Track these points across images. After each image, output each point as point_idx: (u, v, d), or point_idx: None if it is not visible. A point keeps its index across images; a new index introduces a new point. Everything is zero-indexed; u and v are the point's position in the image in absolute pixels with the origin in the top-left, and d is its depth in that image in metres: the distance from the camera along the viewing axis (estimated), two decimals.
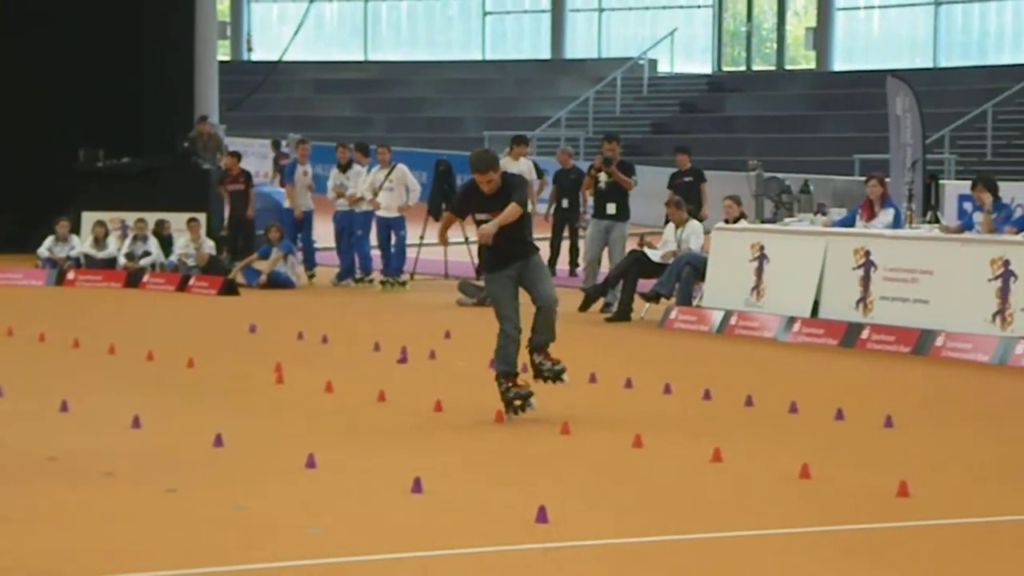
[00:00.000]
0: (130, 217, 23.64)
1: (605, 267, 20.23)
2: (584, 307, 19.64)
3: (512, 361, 12.01)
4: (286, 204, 23.94)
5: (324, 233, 24.48)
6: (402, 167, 22.69)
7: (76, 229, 23.90)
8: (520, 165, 23.10)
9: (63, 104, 26.03)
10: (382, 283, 22.53)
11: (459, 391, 13.34)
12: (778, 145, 35.73)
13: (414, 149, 36.70)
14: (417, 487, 9.26)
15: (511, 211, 11.80)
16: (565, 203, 24.20)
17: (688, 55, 44.05)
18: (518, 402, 11.92)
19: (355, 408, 12.53)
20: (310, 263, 23.58)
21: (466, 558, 8.02)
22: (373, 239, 22.97)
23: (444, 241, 13.32)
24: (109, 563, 7.73)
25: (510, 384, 11.98)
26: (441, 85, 45.42)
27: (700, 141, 38.42)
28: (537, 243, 12.36)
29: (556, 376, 12.15)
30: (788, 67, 42.91)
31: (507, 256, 12.05)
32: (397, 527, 8.61)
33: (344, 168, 23.02)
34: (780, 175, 24.62)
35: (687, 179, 22.87)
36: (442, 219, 12.90)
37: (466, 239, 23.77)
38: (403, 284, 22.51)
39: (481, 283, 21.01)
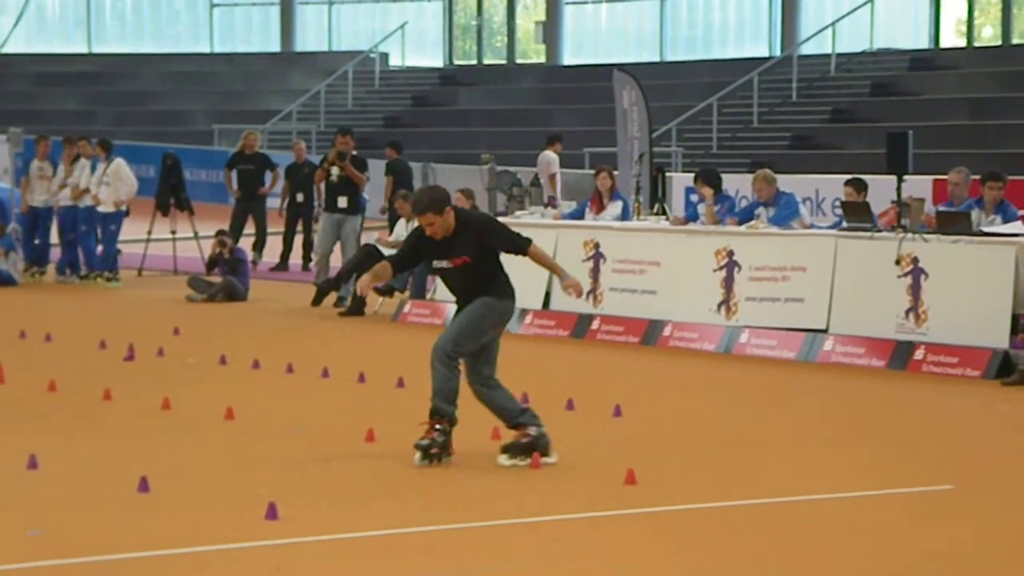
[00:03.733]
0: None
1: (337, 261, 20.12)
2: (316, 301, 19.53)
3: (448, 398, 10.12)
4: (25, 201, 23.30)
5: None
6: (119, 160, 22.26)
7: None
8: None
9: None
10: (82, 277, 22.18)
11: (188, 388, 13.12)
12: (510, 138, 36.04)
13: (141, 143, 36.03)
14: (144, 486, 9.08)
15: (545, 259, 10.31)
16: (300, 197, 24.05)
17: (419, 49, 44.14)
18: (434, 450, 10.05)
19: (80, 407, 12.23)
20: (44, 260, 22.98)
21: (194, 556, 7.89)
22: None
23: (364, 291, 10.59)
24: None
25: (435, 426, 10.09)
26: (168, 78, 44.68)
27: (433, 135, 38.59)
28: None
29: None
30: (519, 61, 43.31)
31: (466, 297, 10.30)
32: (123, 527, 8.42)
33: (71, 162, 22.49)
34: (512, 168, 24.85)
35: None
36: (372, 272, 10.26)
37: (195, 234, 23.45)
38: (108, 280, 22.00)
39: (211, 279, 20.74)
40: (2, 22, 47.12)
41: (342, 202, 19.77)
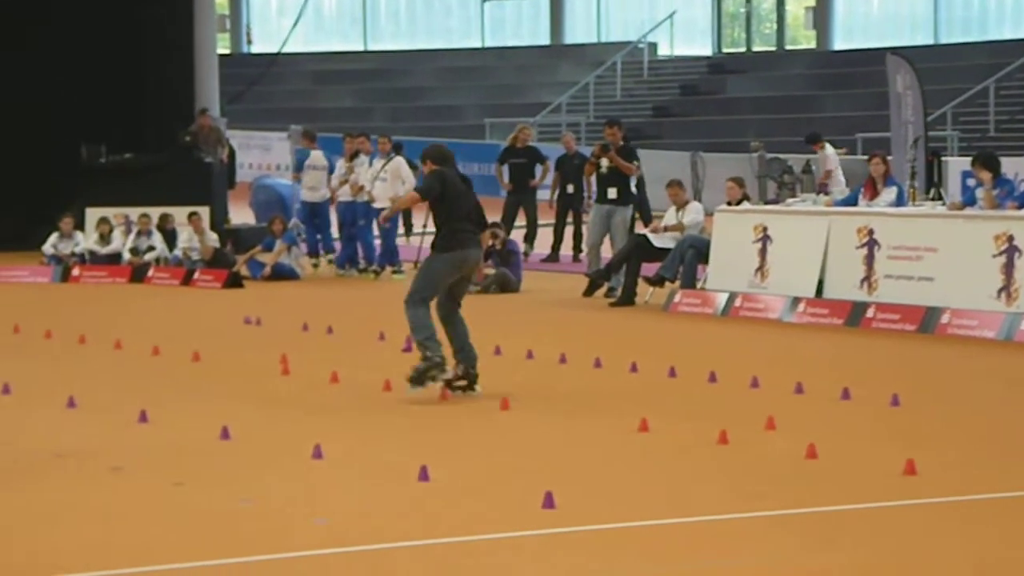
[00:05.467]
0: (134, 212, 23.63)
1: (608, 252, 20.20)
2: (588, 292, 19.64)
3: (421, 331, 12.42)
4: (302, 196, 24.01)
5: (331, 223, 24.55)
6: (398, 159, 22.72)
7: (80, 225, 23.90)
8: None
9: (65, 101, 26.01)
10: (360, 270, 22.77)
11: None
12: (780, 125, 35.71)
13: (415, 138, 36.68)
14: (424, 475, 9.27)
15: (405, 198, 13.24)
16: (570, 189, 24.21)
17: (688, 38, 44.01)
18: (431, 374, 12.24)
19: (360, 398, 12.54)
20: (328, 248, 23.80)
21: (474, 545, 8.03)
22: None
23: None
24: (117, 558, 7.74)
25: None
26: (441, 73, 45.40)
27: (701, 123, 38.47)
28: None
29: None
30: (788, 47, 42.86)
31: None
32: (404, 515, 8.61)
33: (350, 158, 23.06)
34: (782, 156, 24.61)
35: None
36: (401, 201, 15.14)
37: None
38: (393, 272, 22.53)
39: (484, 270, 21.03)
40: (282, 23, 48.47)
41: (611, 193, 19.84)
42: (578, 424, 11.31)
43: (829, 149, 26.00)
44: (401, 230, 25.95)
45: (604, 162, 19.86)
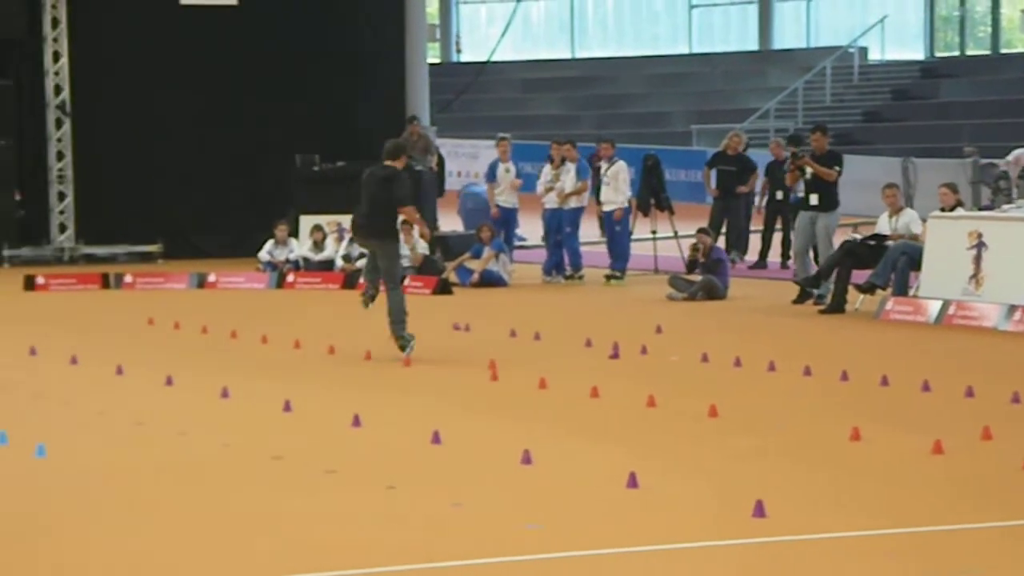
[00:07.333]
0: (346, 220, 23.98)
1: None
2: (799, 299, 19.43)
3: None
4: (498, 201, 24.19)
5: (535, 230, 24.64)
6: (620, 163, 22.84)
7: (295, 232, 24.38)
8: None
9: (280, 111, 26.57)
10: (567, 277, 22.86)
11: (671, 386, 13.33)
12: (994, 130, 34.96)
13: (622, 145, 36.64)
14: (632, 482, 9.29)
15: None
16: (779, 195, 24.04)
17: (900, 42, 43.33)
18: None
19: (569, 404, 12.60)
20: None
21: (684, 553, 8.03)
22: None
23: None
24: (330, 559, 7.90)
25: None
26: (648, 80, 45.33)
27: (914, 128, 37.85)
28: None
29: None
30: (1003, 50, 41.96)
31: None
32: (614, 522, 8.64)
33: (557, 165, 23.15)
34: (997, 161, 24.14)
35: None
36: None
37: (675, 233, 23.76)
38: (609, 277, 22.63)
39: (692, 277, 20.97)
40: (491, 32, 48.85)
41: (813, 199, 19.64)
42: (788, 432, 11.23)
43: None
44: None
45: (808, 169, 19.67)
